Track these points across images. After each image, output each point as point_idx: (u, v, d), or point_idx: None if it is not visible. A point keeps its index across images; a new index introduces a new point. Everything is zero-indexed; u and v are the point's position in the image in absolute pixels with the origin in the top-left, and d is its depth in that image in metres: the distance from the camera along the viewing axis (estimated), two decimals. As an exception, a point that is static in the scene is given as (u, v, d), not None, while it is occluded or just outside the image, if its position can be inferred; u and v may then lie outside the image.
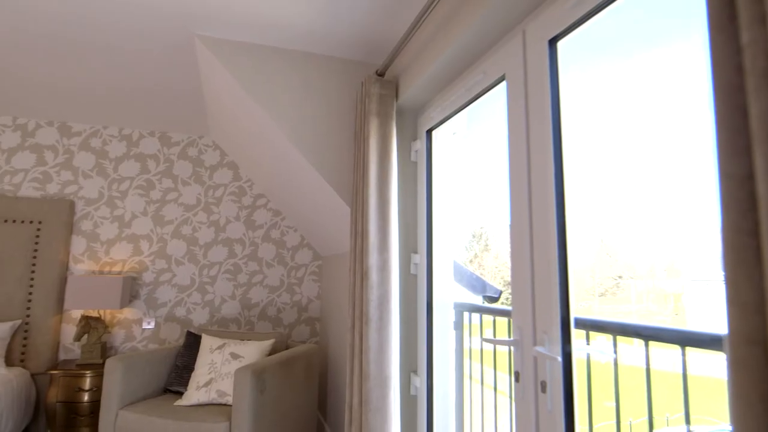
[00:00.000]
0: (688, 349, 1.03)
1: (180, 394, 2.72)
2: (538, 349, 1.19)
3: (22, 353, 3.05)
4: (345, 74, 2.44)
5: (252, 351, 2.66)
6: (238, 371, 2.31)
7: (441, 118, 1.98)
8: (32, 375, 3.02)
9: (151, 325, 3.42)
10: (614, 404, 1.25)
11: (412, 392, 2.06)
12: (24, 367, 3.02)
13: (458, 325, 2.03)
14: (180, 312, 3.50)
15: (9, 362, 2.99)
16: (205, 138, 3.73)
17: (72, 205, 3.35)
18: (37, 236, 3.18)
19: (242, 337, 2.89)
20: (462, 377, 2.02)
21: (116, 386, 2.50)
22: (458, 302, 2.03)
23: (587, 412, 1.28)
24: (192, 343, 2.89)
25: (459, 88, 1.79)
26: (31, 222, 3.18)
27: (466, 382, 2.02)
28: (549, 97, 1.26)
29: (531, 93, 1.34)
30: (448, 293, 2.03)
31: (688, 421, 1.09)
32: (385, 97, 2.02)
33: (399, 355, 1.85)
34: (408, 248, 2.14)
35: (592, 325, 1.26)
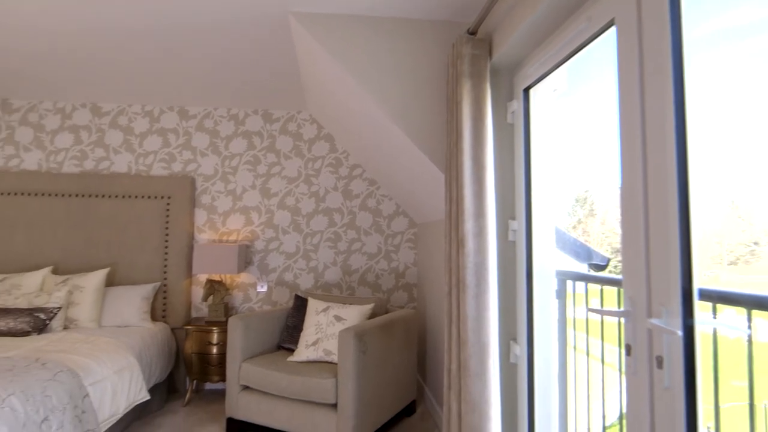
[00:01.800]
0: None
1: (291, 351, 2.97)
2: (654, 321, 1.09)
3: (163, 310, 3.54)
4: (434, 36, 2.36)
5: (354, 314, 2.81)
6: (342, 332, 2.45)
7: (539, 74, 1.84)
8: (172, 329, 3.50)
9: (264, 289, 3.76)
10: (746, 384, 1.11)
11: (512, 360, 2.03)
12: (165, 322, 3.51)
13: (561, 294, 1.94)
14: (288, 277, 3.79)
15: (153, 318, 3.50)
16: (302, 113, 3.90)
17: (193, 182, 3.74)
18: (168, 210, 3.61)
19: (344, 301, 3.06)
20: (565, 347, 1.94)
21: (238, 341, 2.81)
22: (561, 270, 1.94)
23: (713, 391, 1.17)
24: (300, 305, 3.13)
25: (560, 39, 1.64)
26: (162, 197, 3.62)
27: (569, 353, 1.94)
28: (669, 41, 1.11)
29: (646, 37, 1.18)
30: (549, 261, 1.94)
31: (844, 409, 0.93)
32: (477, 57, 1.92)
33: (498, 323, 1.83)
34: (505, 214, 2.07)
35: (719, 297, 1.12)
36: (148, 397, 2.75)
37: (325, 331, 2.78)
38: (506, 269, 2.06)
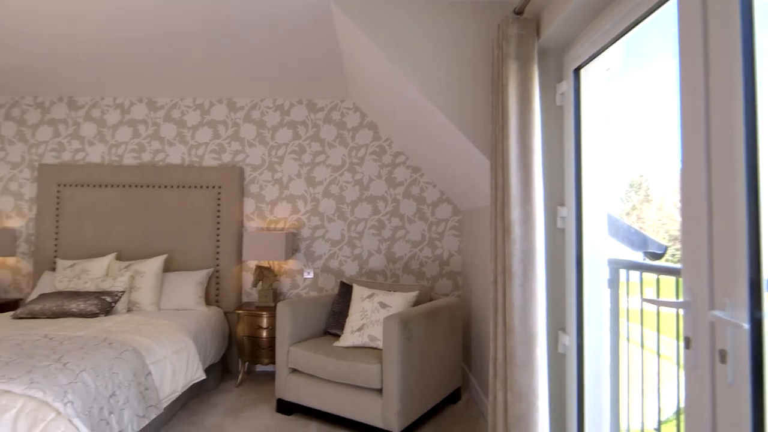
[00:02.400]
0: None
1: (337, 336, 3.04)
2: (717, 313, 1.03)
3: (216, 295, 3.71)
4: (478, 18, 2.30)
5: (398, 301, 2.82)
6: (387, 319, 2.48)
7: (591, 53, 1.75)
8: (225, 313, 3.66)
9: (311, 275, 3.85)
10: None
11: (561, 350, 1.98)
12: (218, 306, 3.68)
13: (613, 283, 1.86)
14: (333, 264, 3.86)
15: (207, 302, 3.67)
16: (346, 101, 3.92)
17: (242, 172, 3.87)
18: (219, 199, 3.76)
19: (389, 288, 3.08)
20: (617, 338, 1.86)
21: (286, 326, 2.90)
22: (613, 258, 1.86)
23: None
24: (345, 292, 3.18)
25: (614, 15, 1.55)
26: (213, 187, 3.76)
27: (622, 344, 1.86)
28: (738, 10, 1.02)
29: (711, 8, 1.09)
30: (601, 248, 1.86)
31: None
32: (524, 38, 1.85)
33: (546, 312, 1.78)
34: (554, 201, 2.00)
35: (793, 288, 1.03)
36: (204, 377, 2.90)
37: (370, 317, 2.81)
38: (555, 257, 1.99)
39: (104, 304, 3.07)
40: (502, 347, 1.83)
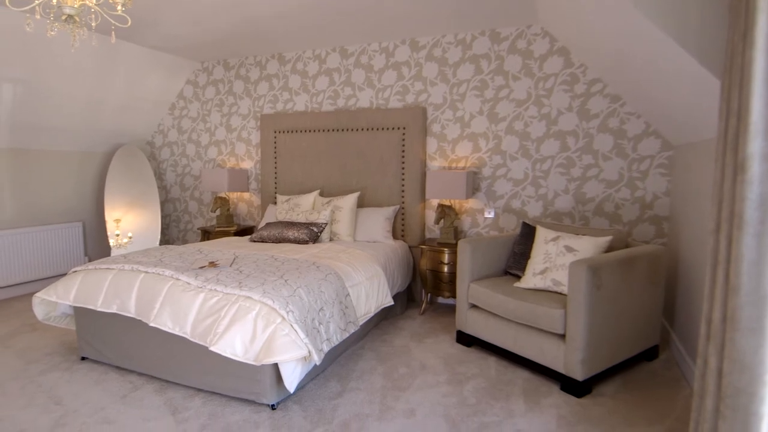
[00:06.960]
0: None
1: (517, 277, 2.98)
2: None
3: (402, 230, 3.99)
4: None
5: (587, 246, 2.60)
6: (573, 264, 2.32)
7: None
8: (409, 247, 3.93)
9: (491, 215, 3.81)
10: None
11: (809, 319, 1.57)
12: (404, 240, 3.96)
13: None
14: (515, 204, 3.74)
15: (394, 236, 3.98)
16: (533, 27, 3.56)
17: (424, 111, 3.93)
18: (403, 140, 3.93)
19: (576, 232, 2.85)
20: None
21: (467, 263, 2.97)
22: None
23: None
24: (527, 233, 3.07)
25: None
26: (398, 128, 3.94)
27: None
28: None
29: None
30: None
31: None
32: None
33: (789, 271, 1.42)
34: (818, 128, 1.51)
35: None
36: (392, 303, 3.21)
37: (554, 261, 2.67)
38: (812, 202, 1.54)
39: (312, 233, 3.60)
40: (720, 307, 1.54)
